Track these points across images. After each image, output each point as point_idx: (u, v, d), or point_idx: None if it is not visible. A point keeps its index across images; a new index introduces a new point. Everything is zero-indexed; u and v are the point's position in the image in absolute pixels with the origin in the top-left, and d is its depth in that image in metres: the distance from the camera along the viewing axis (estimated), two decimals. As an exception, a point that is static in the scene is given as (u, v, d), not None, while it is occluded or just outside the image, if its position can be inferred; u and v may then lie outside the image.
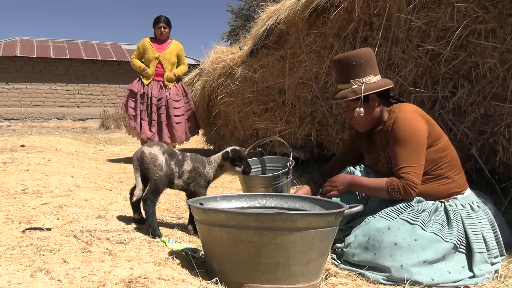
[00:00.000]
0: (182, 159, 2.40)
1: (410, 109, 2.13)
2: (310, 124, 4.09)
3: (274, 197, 2.12)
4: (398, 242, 1.87)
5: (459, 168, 2.15)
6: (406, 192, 1.99)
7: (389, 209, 2.06)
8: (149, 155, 2.27)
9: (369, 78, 2.14)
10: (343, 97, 2.18)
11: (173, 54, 5.75)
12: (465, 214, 1.99)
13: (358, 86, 2.14)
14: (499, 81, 2.47)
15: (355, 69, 2.14)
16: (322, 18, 3.70)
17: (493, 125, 2.53)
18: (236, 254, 1.63)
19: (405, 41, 2.97)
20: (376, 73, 2.18)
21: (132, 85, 5.73)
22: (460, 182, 2.12)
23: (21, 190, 2.81)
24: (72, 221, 2.19)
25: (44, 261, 1.62)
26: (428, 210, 1.99)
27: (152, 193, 2.26)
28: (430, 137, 2.07)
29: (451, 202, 2.06)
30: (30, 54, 18.19)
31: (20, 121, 17.58)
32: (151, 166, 2.26)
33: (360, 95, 2.12)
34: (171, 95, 5.66)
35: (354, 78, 2.15)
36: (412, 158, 2.00)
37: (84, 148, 7.49)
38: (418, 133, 2.02)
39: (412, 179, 1.98)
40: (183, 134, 5.70)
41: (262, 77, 4.65)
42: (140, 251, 1.85)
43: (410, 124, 2.04)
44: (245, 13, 23.35)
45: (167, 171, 2.32)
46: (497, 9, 2.43)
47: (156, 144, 2.36)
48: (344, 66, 2.18)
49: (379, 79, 2.19)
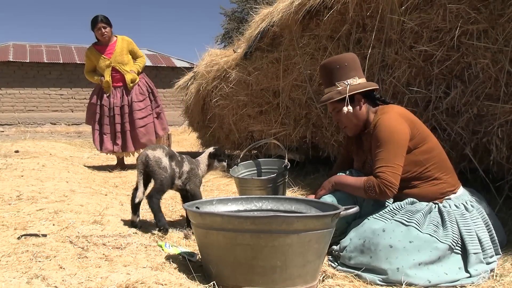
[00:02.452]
0: (181, 160, 2.54)
1: (392, 110, 2.14)
2: (305, 126, 4.10)
3: (270, 200, 2.12)
4: (394, 245, 1.87)
5: (448, 169, 2.15)
6: (381, 191, 1.98)
7: (383, 210, 2.07)
8: (154, 158, 2.37)
9: (353, 80, 2.18)
10: (328, 98, 2.21)
11: (124, 53, 5.30)
12: (459, 215, 2.00)
13: (343, 88, 2.18)
14: (492, 81, 2.49)
15: (340, 71, 2.19)
16: (316, 20, 3.72)
17: (486, 125, 2.55)
18: (233, 257, 1.63)
19: (398, 42, 2.98)
20: (360, 75, 2.22)
21: (91, 98, 5.40)
22: (451, 182, 2.13)
23: (15, 196, 2.80)
24: (68, 226, 2.18)
25: (40, 268, 1.61)
26: (422, 211, 1.99)
27: (157, 191, 2.37)
28: (414, 139, 2.08)
29: (445, 203, 2.07)
30: (23, 59, 18.13)
31: (13, 127, 17.49)
32: (156, 168, 2.37)
33: (345, 95, 2.15)
34: (133, 96, 5.29)
35: (339, 81, 2.20)
36: (390, 158, 2.01)
37: (79, 152, 7.47)
38: (397, 134, 2.03)
39: (387, 178, 1.98)
40: (152, 135, 5.35)
41: (256, 80, 4.65)
42: (137, 256, 1.84)
43: (390, 126, 2.05)
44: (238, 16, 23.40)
45: (170, 172, 2.43)
46: (488, 10, 2.45)
47: (159, 147, 2.48)
48: (329, 70, 2.23)
49: (363, 81, 2.22)
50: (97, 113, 5.27)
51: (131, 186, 4.23)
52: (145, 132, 5.29)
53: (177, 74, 7.40)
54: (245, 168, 3.15)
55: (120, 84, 5.30)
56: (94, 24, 5.21)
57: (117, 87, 5.29)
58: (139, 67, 5.42)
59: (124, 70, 5.26)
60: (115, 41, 5.34)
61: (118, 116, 5.23)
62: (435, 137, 2.21)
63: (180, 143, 9.56)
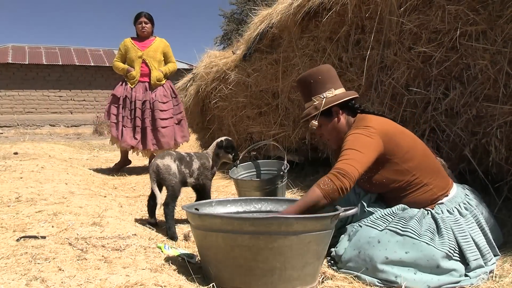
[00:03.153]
0: (190, 160, 2.72)
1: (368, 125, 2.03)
2: (304, 127, 4.10)
3: (269, 201, 2.12)
4: (389, 257, 1.85)
5: (435, 172, 2.10)
6: (338, 179, 1.80)
7: (375, 216, 2.04)
8: (163, 166, 2.57)
9: (329, 93, 2.15)
10: (306, 114, 2.20)
11: (158, 52, 5.31)
12: (453, 222, 1.96)
13: (319, 102, 2.16)
14: (491, 82, 2.49)
15: (315, 86, 2.17)
16: (315, 21, 3.72)
17: (485, 126, 2.55)
18: (232, 259, 1.63)
19: (397, 43, 2.99)
20: (337, 86, 2.18)
21: (115, 90, 5.30)
22: (441, 185, 2.08)
23: (15, 198, 2.79)
24: (67, 228, 2.18)
25: (39, 270, 1.61)
26: (416, 217, 1.96)
27: (171, 198, 2.54)
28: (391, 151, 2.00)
29: (437, 210, 2.03)
30: (22, 61, 18.14)
31: (12, 128, 17.49)
32: (166, 175, 2.56)
33: (321, 110, 2.13)
34: (157, 96, 5.22)
35: (315, 95, 2.18)
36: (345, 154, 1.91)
37: (78, 154, 7.46)
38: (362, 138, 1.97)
39: (341, 167, 1.85)
40: (171, 139, 5.24)
41: (255, 81, 4.66)
42: (136, 258, 1.84)
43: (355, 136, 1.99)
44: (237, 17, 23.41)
45: (180, 176, 2.61)
46: (487, 11, 2.46)
47: (167, 154, 2.65)
48: (304, 85, 2.22)
49: (341, 92, 2.18)
50: (119, 104, 5.18)
51: (130, 188, 4.24)
52: (165, 133, 5.18)
53: (176, 76, 7.38)
54: (244, 169, 3.15)
55: (146, 79, 5.25)
56: (137, 18, 5.27)
57: (142, 82, 5.24)
58: (168, 70, 5.38)
59: (153, 65, 5.24)
60: (153, 39, 5.37)
61: (139, 111, 5.15)
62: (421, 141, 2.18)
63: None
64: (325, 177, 1.85)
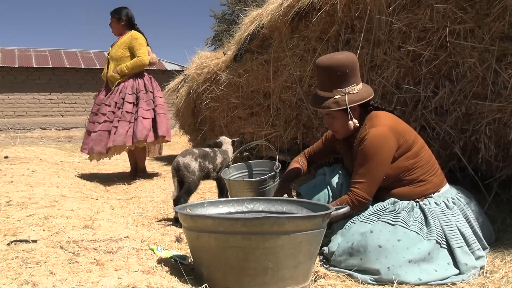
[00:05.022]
0: (214, 156, 3.03)
1: (382, 123, 2.08)
2: (295, 127, 4.11)
3: (261, 201, 2.12)
4: (382, 244, 1.88)
5: (434, 169, 2.15)
6: (355, 205, 2.06)
7: (367, 212, 2.08)
8: (183, 164, 2.84)
9: (352, 88, 2.10)
10: (326, 107, 2.13)
11: (121, 48, 4.84)
12: (439, 212, 2.02)
13: (341, 97, 2.10)
14: (479, 80, 2.52)
15: (339, 78, 2.09)
16: (305, 21, 3.73)
17: (474, 124, 2.57)
18: (224, 259, 1.63)
19: (387, 42, 3.01)
20: (358, 81, 2.14)
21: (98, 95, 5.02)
22: (436, 182, 2.13)
23: (5, 202, 2.77)
24: (58, 232, 2.17)
25: (30, 274, 1.60)
26: (405, 209, 2.01)
27: (185, 193, 2.81)
28: (401, 147, 2.07)
29: (425, 201, 2.09)
30: (12, 64, 18.01)
31: (3, 132, 17.35)
32: (185, 173, 2.83)
33: (343, 107, 2.09)
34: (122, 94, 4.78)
35: (337, 88, 2.10)
36: (366, 174, 2.05)
37: (69, 157, 7.41)
38: (381, 152, 2.03)
39: (359, 193, 2.05)
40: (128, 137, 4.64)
41: (246, 82, 4.66)
42: (128, 260, 1.83)
43: (375, 142, 2.03)
44: (228, 18, 23.41)
45: (200, 174, 2.90)
46: (474, 10, 2.48)
47: (188, 153, 2.91)
48: (328, 74, 2.11)
49: (361, 88, 2.15)
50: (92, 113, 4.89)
51: (122, 190, 4.23)
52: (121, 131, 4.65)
53: (168, 77, 7.39)
54: (236, 170, 3.14)
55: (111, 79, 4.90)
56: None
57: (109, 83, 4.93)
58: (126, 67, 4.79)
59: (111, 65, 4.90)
60: (122, 36, 4.94)
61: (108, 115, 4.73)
62: (422, 138, 2.21)
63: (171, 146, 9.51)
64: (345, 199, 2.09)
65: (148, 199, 3.73)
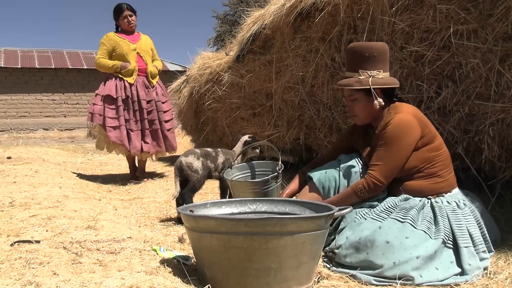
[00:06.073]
0: (215, 155, 3.06)
1: (407, 110, 2.11)
2: (298, 128, 4.11)
3: (264, 202, 2.12)
4: (390, 240, 1.88)
5: (451, 167, 2.18)
6: (370, 188, 2.07)
7: (379, 209, 2.08)
8: (186, 164, 2.89)
9: (377, 72, 2.12)
10: (347, 84, 2.16)
11: (148, 47, 4.87)
12: (450, 211, 2.02)
13: (365, 78, 2.12)
14: (482, 81, 2.51)
15: (367, 60, 2.12)
16: (307, 22, 3.73)
17: (477, 124, 2.57)
18: (227, 260, 1.63)
19: (389, 43, 3.00)
20: (386, 69, 2.16)
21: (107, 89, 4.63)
22: (450, 181, 2.15)
23: (8, 202, 2.78)
24: (62, 232, 2.17)
25: (34, 274, 1.60)
26: (416, 207, 2.01)
27: (190, 190, 2.87)
28: (424, 137, 2.09)
29: (437, 199, 2.09)
30: (15, 65, 18.05)
31: (5, 133, 17.38)
32: (189, 172, 2.88)
33: (365, 87, 2.11)
34: (159, 96, 4.83)
35: (363, 69, 2.13)
36: (385, 157, 2.06)
37: (72, 158, 7.43)
38: (404, 137, 2.04)
39: (374, 175, 2.06)
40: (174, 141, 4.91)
41: (249, 82, 4.66)
42: (131, 261, 1.84)
43: (400, 126, 2.05)
44: (230, 19, 23.42)
45: (204, 172, 2.94)
46: (477, 10, 2.48)
47: (191, 153, 2.95)
48: (356, 54, 2.16)
49: (387, 75, 2.18)
50: (119, 106, 4.60)
51: (125, 191, 4.24)
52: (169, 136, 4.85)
53: (170, 78, 7.39)
54: (238, 170, 3.14)
55: (144, 74, 4.80)
56: (120, 12, 4.69)
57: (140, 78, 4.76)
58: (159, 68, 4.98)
59: (148, 60, 4.81)
60: (139, 35, 4.90)
61: (145, 112, 4.68)
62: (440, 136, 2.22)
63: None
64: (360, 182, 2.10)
65: (150, 199, 3.74)
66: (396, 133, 2.05)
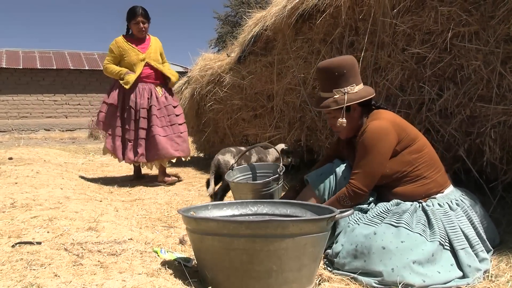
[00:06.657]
0: (249, 155, 3.20)
1: (384, 117, 2.15)
2: (299, 129, 4.11)
3: (265, 204, 2.12)
4: (386, 246, 1.88)
5: (438, 166, 2.18)
6: (351, 196, 2.11)
7: (371, 215, 2.09)
8: (223, 161, 3.06)
9: (351, 88, 2.17)
10: (325, 106, 2.21)
11: (157, 53, 4.71)
12: (442, 214, 2.02)
13: (340, 96, 2.17)
14: (484, 83, 2.51)
15: (338, 79, 2.17)
16: (308, 24, 3.73)
17: (479, 126, 2.56)
18: (228, 262, 1.63)
19: (391, 45, 3.00)
20: (358, 82, 2.21)
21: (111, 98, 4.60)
22: (439, 181, 2.15)
23: (9, 203, 2.78)
24: (63, 233, 2.17)
25: (35, 276, 1.60)
26: (409, 211, 2.02)
27: (223, 190, 3.02)
28: (402, 141, 2.11)
29: (428, 202, 2.09)
30: (16, 65, 18.06)
31: (7, 133, 17.40)
32: (225, 170, 2.99)
33: (342, 106, 2.16)
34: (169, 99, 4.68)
35: (337, 88, 2.18)
36: (363, 166, 2.09)
37: (73, 159, 7.43)
38: (381, 143, 2.07)
39: (354, 184, 2.10)
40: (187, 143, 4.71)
41: (250, 84, 4.66)
42: (132, 262, 1.83)
43: (375, 133, 2.08)
44: (232, 20, 23.43)
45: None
46: (479, 12, 2.47)
47: (227, 151, 3.12)
48: (327, 75, 2.21)
49: (361, 88, 2.22)
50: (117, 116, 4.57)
51: (126, 192, 4.23)
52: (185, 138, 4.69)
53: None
54: (240, 172, 3.14)
55: (151, 81, 4.64)
56: (133, 16, 4.53)
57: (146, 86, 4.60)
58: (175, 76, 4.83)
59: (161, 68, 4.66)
60: (149, 39, 4.73)
61: (144, 120, 4.53)
62: (425, 137, 2.23)
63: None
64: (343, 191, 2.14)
65: (151, 201, 3.74)
66: (370, 140, 2.08)
